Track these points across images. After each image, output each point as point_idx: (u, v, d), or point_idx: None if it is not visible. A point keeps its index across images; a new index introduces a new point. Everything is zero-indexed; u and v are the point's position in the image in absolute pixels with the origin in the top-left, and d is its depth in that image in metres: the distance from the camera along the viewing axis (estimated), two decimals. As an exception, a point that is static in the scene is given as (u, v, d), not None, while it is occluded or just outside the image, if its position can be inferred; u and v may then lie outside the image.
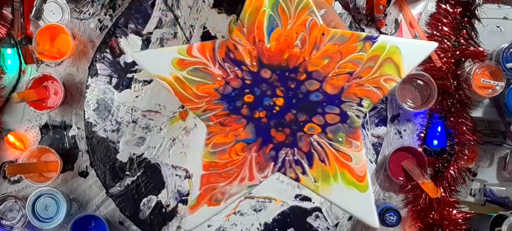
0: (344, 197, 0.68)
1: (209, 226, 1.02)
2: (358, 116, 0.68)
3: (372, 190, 0.67)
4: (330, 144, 0.68)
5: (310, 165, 0.68)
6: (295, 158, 0.69)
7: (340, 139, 0.68)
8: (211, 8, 1.02)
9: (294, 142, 0.69)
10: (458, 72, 0.99)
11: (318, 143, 0.69)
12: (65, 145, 1.02)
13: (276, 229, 1.03)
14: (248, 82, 0.69)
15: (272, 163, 0.69)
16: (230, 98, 0.69)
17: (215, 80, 0.69)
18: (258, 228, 1.02)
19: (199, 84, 0.69)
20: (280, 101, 0.69)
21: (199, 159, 0.70)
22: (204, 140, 0.70)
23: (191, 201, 0.69)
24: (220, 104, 0.69)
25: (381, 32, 1.02)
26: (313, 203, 1.03)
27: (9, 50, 1.01)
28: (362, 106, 0.68)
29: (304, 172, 0.69)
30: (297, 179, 0.69)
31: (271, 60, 0.68)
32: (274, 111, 0.69)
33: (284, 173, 0.69)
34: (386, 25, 1.03)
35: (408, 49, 0.67)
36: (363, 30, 1.03)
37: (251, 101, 0.69)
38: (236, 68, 0.69)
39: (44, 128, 1.02)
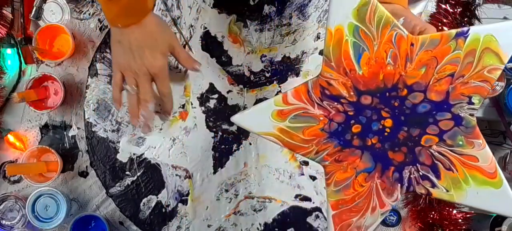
0: (481, 198, 0.66)
1: (209, 226, 1.02)
2: (471, 115, 0.66)
3: (507, 183, 0.65)
4: (451, 150, 0.67)
5: (438, 177, 0.67)
6: (421, 173, 0.67)
7: (460, 142, 0.66)
8: (211, 8, 1.02)
9: (415, 158, 0.67)
10: (458, 72, 0.99)
11: (439, 153, 0.67)
12: (65, 145, 1.02)
13: (276, 229, 1.03)
14: (351, 113, 0.68)
15: (399, 185, 0.68)
16: (338, 134, 0.68)
17: (319, 120, 0.68)
18: (258, 228, 1.02)
19: (304, 128, 0.68)
20: (388, 122, 0.68)
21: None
22: (324, 182, 0.69)
23: None
24: (330, 143, 0.69)
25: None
26: (313, 203, 1.03)
27: (9, 50, 1.01)
28: (472, 104, 0.66)
29: (433, 185, 0.67)
30: (428, 194, 0.68)
31: (368, 86, 0.67)
32: (386, 133, 0.68)
33: (414, 191, 0.68)
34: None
35: (502, 33, 0.65)
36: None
37: (359, 131, 0.68)
38: (336, 103, 0.68)
39: (44, 128, 1.02)
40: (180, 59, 0.88)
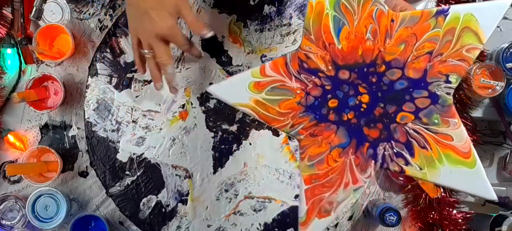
0: (454, 177, 0.66)
1: (209, 226, 1.02)
2: (448, 93, 0.66)
3: (481, 164, 0.65)
4: (426, 128, 0.66)
5: (412, 154, 0.67)
6: (395, 150, 0.67)
7: (436, 121, 0.66)
8: (212, 8, 1.02)
9: (390, 135, 0.67)
10: (458, 72, 0.99)
11: (415, 130, 0.66)
12: (65, 145, 1.02)
13: (276, 229, 1.03)
14: (328, 88, 0.68)
15: (373, 161, 0.67)
16: (315, 108, 0.68)
17: (295, 94, 0.68)
18: (258, 228, 1.02)
19: (281, 101, 0.68)
20: (365, 98, 0.67)
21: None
22: (299, 156, 0.69)
23: (301, 217, 0.68)
24: (306, 116, 0.68)
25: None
26: (313, 203, 1.03)
27: (9, 50, 1.01)
28: (450, 82, 0.66)
29: (407, 163, 0.67)
30: (401, 171, 0.67)
31: (346, 60, 0.67)
32: (362, 109, 0.67)
33: (388, 168, 0.68)
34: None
35: (483, 13, 0.64)
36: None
37: (336, 106, 0.68)
38: (313, 77, 0.67)
39: (44, 128, 1.02)
40: (187, 22, 0.84)
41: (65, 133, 1.02)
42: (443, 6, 0.65)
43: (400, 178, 1.01)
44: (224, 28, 1.02)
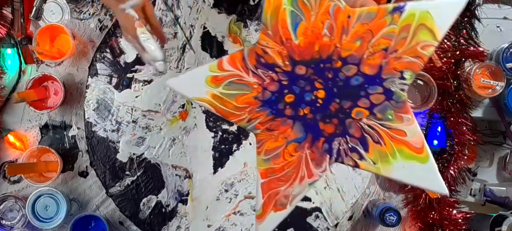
0: (406, 172, 0.66)
1: (209, 226, 1.02)
2: (402, 90, 0.66)
3: (433, 158, 0.65)
4: (381, 124, 0.67)
5: (366, 149, 0.67)
6: (350, 145, 0.67)
7: (390, 117, 0.67)
8: (211, 8, 1.02)
9: (345, 130, 0.68)
10: (458, 72, 0.99)
11: (369, 126, 0.67)
12: (65, 145, 1.02)
13: (276, 229, 1.02)
14: (285, 83, 0.68)
15: (328, 156, 0.68)
16: (271, 103, 0.68)
17: (252, 88, 0.68)
18: (258, 228, 1.02)
19: (238, 96, 0.68)
20: (321, 93, 0.68)
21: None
22: (255, 150, 0.69)
23: (257, 210, 0.68)
24: (263, 111, 0.68)
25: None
26: (313, 203, 1.03)
27: (9, 50, 1.01)
28: (404, 79, 0.66)
29: (361, 157, 0.67)
30: (356, 166, 0.68)
31: (303, 56, 0.67)
32: (318, 105, 0.68)
33: (342, 163, 0.68)
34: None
35: (439, 11, 0.65)
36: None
37: (292, 101, 0.68)
38: (270, 72, 0.68)
39: (44, 128, 1.02)
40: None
41: (65, 133, 1.02)
42: (399, 3, 0.66)
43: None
44: (224, 28, 1.02)
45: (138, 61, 1.02)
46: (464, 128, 1.00)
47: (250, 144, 1.02)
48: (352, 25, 0.66)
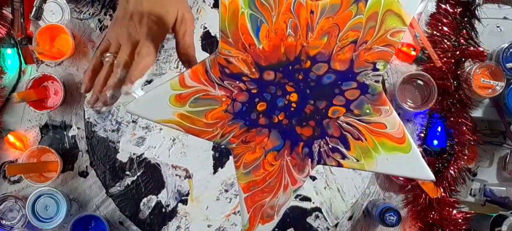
0: (391, 164, 0.65)
1: (209, 226, 1.02)
2: (377, 81, 0.64)
3: (416, 147, 0.65)
4: (359, 120, 0.65)
5: (347, 147, 0.65)
6: (330, 146, 0.65)
7: (368, 111, 0.65)
8: (212, 8, 1.02)
9: (323, 131, 0.65)
10: (458, 72, 0.99)
11: (348, 123, 0.65)
12: (65, 145, 1.02)
13: (276, 229, 1.02)
14: (254, 91, 0.65)
15: (309, 160, 0.66)
16: (243, 114, 0.65)
17: (221, 102, 0.64)
18: (258, 228, 1.02)
19: (207, 112, 0.64)
20: (294, 97, 0.65)
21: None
22: (233, 165, 0.67)
23: (244, 225, 0.66)
24: (236, 124, 0.65)
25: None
26: (313, 203, 1.03)
27: (9, 50, 1.01)
28: (377, 70, 0.64)
29: (344, 156, 0.65)
30: (339, 165, 0.66)
31: (270, 60, 0.64)
32: (292, 109, 0.65)
33: (325, 164, 0.66)
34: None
35: None
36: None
37: (265, 109, 0.65)
38: (237, 82, 0.64)
39: (44, 128, 1.02)
40: (178, 40, 0.76)
41: (65, 133, 1.02)
42: None
43: (400, 178, 1.01)
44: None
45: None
46: (464, 128, 1.00)
47: (250, 144, 1.02)
48: (317, 21, 0.63)
